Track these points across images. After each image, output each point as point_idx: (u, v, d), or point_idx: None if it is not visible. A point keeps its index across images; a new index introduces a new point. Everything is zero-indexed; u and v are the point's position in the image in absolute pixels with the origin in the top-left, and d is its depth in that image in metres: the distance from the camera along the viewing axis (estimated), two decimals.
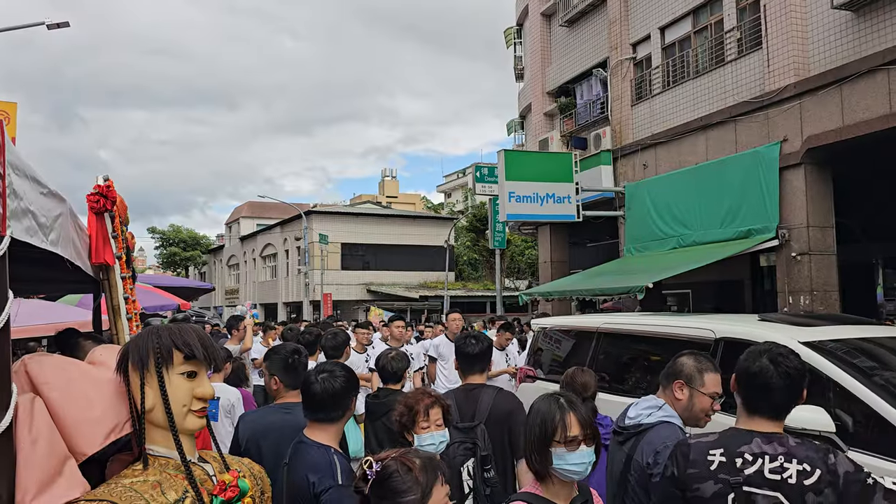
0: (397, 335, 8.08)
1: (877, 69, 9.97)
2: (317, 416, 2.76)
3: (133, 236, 3.75)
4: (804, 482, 2.16)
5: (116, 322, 3.24)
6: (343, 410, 2.78)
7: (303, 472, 2.59)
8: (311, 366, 5.41)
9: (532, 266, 37.30)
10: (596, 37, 17.16)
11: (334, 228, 37.31)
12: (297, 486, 2.61)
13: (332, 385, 2.74)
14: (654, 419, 2.78)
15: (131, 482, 1.61)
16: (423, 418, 2.89)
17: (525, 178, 14.49)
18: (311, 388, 2.75)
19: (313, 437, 2.73)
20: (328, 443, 2.72)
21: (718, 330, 4.66)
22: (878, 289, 14.45)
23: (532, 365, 7.27)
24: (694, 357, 2.90)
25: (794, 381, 2.30)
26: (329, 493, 2.51)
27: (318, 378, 2.76)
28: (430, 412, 2.89)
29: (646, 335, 5.41)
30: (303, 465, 2.62)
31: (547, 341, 7.05)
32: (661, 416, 2.79)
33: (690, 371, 2.83)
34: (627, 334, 5.80)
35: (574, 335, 6.69)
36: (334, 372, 2.80)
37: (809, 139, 11.02)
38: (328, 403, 2.74)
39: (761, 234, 11.67)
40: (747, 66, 12.51)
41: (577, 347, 6.52)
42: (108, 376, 1.77)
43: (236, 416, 4.69)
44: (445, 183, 72.69)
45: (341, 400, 2.76)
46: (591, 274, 15.28)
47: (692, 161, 13.57)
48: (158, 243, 56.69)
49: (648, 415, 2.82)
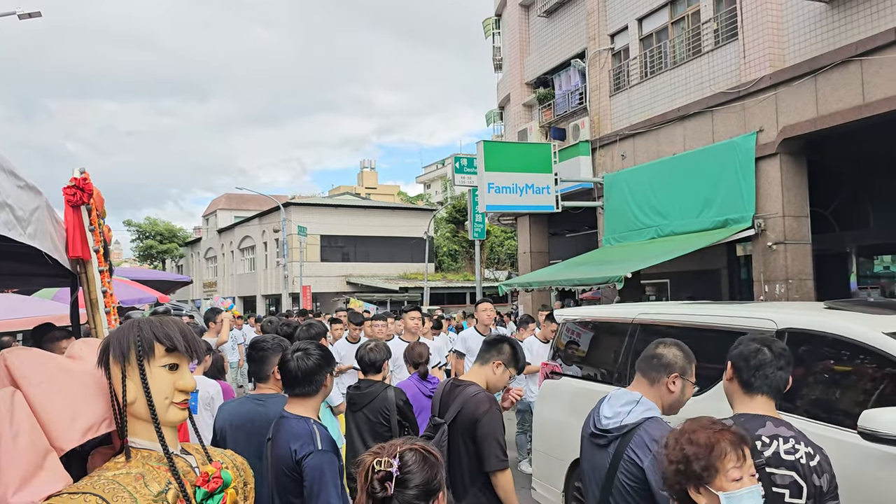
0: (412, 327, 7.25)
1: (850, 60, 10.10)
2: (294, 392, 2.94)
3: (110, 229, 3.71)
4: (810, 464, 2.32)
5: (94, 316, 3.21)
6: (318, 385, 2.95)
7: (285, 443, 2.75)
8: None
9: (512, 256, 37.46)
10: (574, 27, 17.19)
11: (313, 220, 37.13)
12: (280, 456, 2.76)
13: (306, 363, 2.91)
14: (639, 416, 2.67)
15: (114, 475, 1.60)
16: (734, 463, 1.96)
17: (504, 168, 14.51)
18: (287, 366, 2.94)
19: (293, 411, 2.91)
20: (306, 414, 2.89)
21: (781, 320, 4.11)
22: (851, 277, 14.68)
23: (558, 360, 6.51)
24: (677, 346, 2.86)
25: (788, 361, 2.53)
26: (310, 458, 2.67)
27: (293, 356, 2.95)
28: (741, 451, 1.97)
29: (695, 328, 4.75)
30: (285, 436, 2.79)
31: (573, 335, 6.38)
32: (643, 412, 2.68)
33: (683, 363, 2.80)
34: (671, 326, 5.06)
35: (605, 328, 6.04)
36: (308, 350, 2.97)
37: (785, 129, 11.15)
38: (302, 379, 2.91)
39: (738, 224, 11.81)
40: (724, 58, 12.62)
41: (608, 341, 5.87)
42: (87, 370, 1.76)
43: (216, 408, 4.67)
44: (424, 174, 72.60)
45: (314, 376, 2.93)
46: (570, 264, 15.37)
47: (670, 151, 13.68)
48: (134, 236, 56.07)
49: (629, 412, 2.70)
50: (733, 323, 4.43)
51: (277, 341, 3.59)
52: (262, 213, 41.59)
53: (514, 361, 3.49)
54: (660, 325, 5.14)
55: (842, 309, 4.36)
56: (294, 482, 2.71)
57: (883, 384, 3.56)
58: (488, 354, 3.49)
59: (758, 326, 4.18)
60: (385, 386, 4.21)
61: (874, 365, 3.60)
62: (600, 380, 5.53)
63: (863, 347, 3.63)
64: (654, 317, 5.27)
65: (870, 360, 3.64)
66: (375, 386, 4.17)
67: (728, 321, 4.52)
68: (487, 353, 3.50)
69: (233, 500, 1.78)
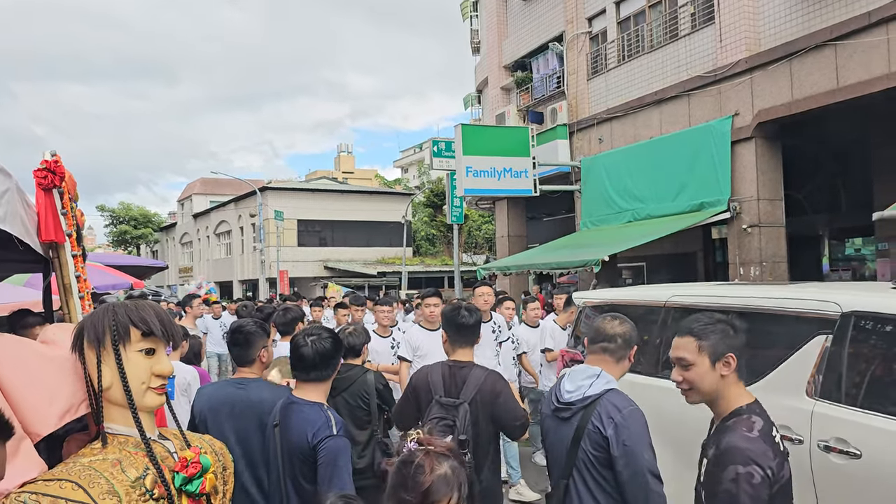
0: (429, 315, 6.19)
1: (824, 45, 10.19)
2: (309, 377, 2.93)
3: (83, 213, 3.65)
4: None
5: (68, 301, 3.16)
6: (333, 369, 2.99)
7: (300, 429, 2.77)
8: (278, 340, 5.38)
9: (490, 241, 37.52)
10: (552, 10, 17.15)
11: (290, 205, 36.86)
12: (294, 442, 2.78)
13: (323, 345, 2.92)
14: (600, 388, 2.76)
15: (90, 461, 1.58)
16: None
17: (482, 152, 14.48)
18: (300, 351, 2.92)
19: (304, 397, 2.91)
20: (318, 400, 2.91)
21: (846, 303, 3.67)
22: (823, 260, 14.92)
23: (579, 348, 5.93)
24: (627, 321, 3.00)
25: None
26: (326, 442, 2.70)
27: (307, 340, 2.93)
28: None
29: (742, 312, 4.24)
30: (299, 422, 2.80)
31: (594, 320, 5.47)
32: (604, 384, 2.78)
33: (637, 335, 2.99)
34: (711, 310, 4.23)
35: (630, 312, 5.00)
36: (321, 334, 2.98)
37: (760, 113, 11.25)
38: (319, 363, 2.91)
39: (713, 207, 11.92)
40: (700, 41, 12.67)
41: (637, 327, 5.35)
42: (62, 355, 1.73)
43: (192, 394, 4.64)
44: (402, 158, 72.33)
45: (330, 359, 2.95)
46: (548, 248, 15.43)
47: (647, 135, 13.74)
48: (108, 221, 55.28)
49: (590, 385, 2.78)
50: (789, 306, 3.99)
51: (260, 325, 3.56)
52: (238, 197, 41.20)
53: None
54: (698, 308, 4.54)
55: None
56: (309, 467, 2.74)
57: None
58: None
59: (819, 309, 3.77)
60: (364, 370, 4.20)
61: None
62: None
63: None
64: (690, 299, 4.80)
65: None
66: (355, 370, 4.16)
67: (783, 304, 4.05)
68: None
69: (212, 484, 1.76)
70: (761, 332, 4.16)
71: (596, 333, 2.97)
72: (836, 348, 3.54)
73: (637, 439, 2.62)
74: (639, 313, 5.30)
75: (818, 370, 3.60)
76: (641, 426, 2.67)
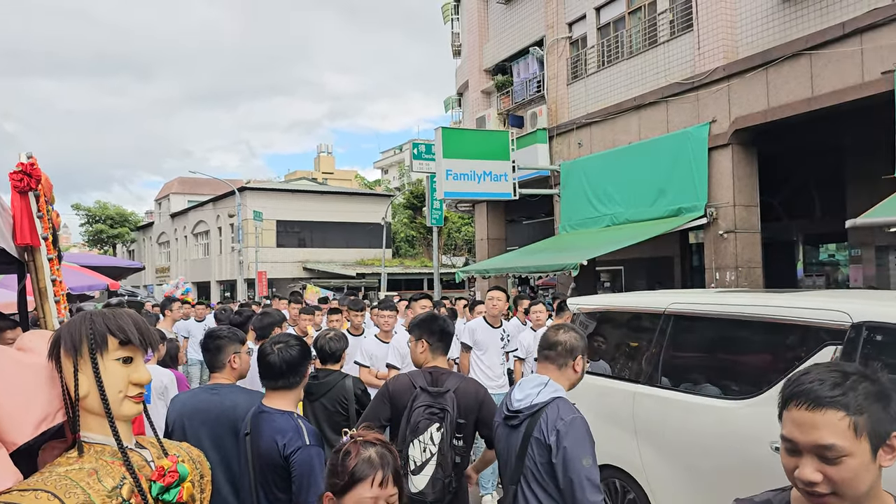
0: None
1: (800, 53, 10.35)
2: (277, 385, 2.92)
3: (59, 215, 3.62)
4: None
5: (43, 305, 3.13)
6: (301, 377, 2.97)
7: (270, 438, 2.74)
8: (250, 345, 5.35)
9: (469, 243, 37.56)
10: (533, 15, 17.24)
11: (269, 205, 36.65)
12: (265, 452, 2.75)
13: (289, 353, 2.91)
14: (547, 396, 2.79)
15: (66, 470, 1.57)
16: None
17: (462, 155, 14.53)
18: (268, 359, 2.91)
19: (273, 405, 2.89)
20: (288, 408, 2.89)
21: (857, 312, 3.52)
22: (798, 265, 15.13)
23: None
24: (574, 330, 3.03)
25: None
26: (299, 453, 2.68)
27: (273, 349, 2.93)
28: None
29: (746, 321, 4.14)
30: (269, 431, 2.77)
31: (590, 327, 5.59)
32: (551, 392, 2.81)
33: (584, 344, 3.00)
34: (714, 318, 4.43)
35: (628, 319, 5.40)
36: (289, 342, 2.99)
37: (737, 120, 11.39)
38: (286, 371, 2.90)
39: (690, 213, 12.05)
40: (679, 48, 12.80)
41: (635, 335, 5.19)
42: (38, 362, 1.72)
43: (169, 398, 4.61)
44: (382, 159, 72.19)
45: (297, 367, 2.94)
46: (527, 251, 15.50)
47: (625, 140, 13.85)
48: (84, 220, 54.55)
49: (538, 393, 2.82)
50: (797, 315, 3.83)
51: (234, 331, 3.55)
52: (217, 197, 40.87)
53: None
54: (700, 316, 4.54)
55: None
56: (281, 477, 2.72)
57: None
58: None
59: (828, 319, 3.63)
60: (343, 375, 4.20)
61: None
62: (628, 377, 4.92)
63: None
64: (691, 307, 4.65)
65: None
66: (333, 375, 4.16)
67: (790, 312, 3.89)
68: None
69: (189, 493, 1.76)
70: (767, 342, 4.09)
71: (541, 341, 3.04)
72: (847, 359, 3.45)
73: (576, 447, 2.63)
74: (636, 320, 5.23)
75: None
76: (582, 434, 2.69)
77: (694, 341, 4.76)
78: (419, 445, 3.24)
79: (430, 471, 3.22)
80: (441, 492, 3.20)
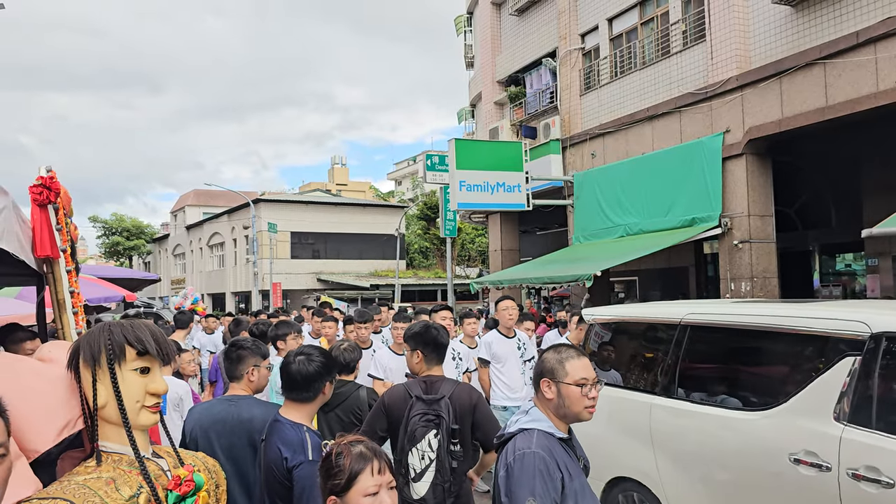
0: None
1: (814, 63, 10.31)
2: (291, 396, 2.94)
3: (76, 227, 3.67)
4: None
5: (62, 316, 3.17)
6: (315, 392, 2.94)
7: (277, 448, 2.75)
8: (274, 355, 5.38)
9: (483, 254, 37.57)
10: (545, 26, 17.29)
11: (283, 217, 36.85)
12: (271, 460, 2.77)
13: (307, 367, 2.91)
14: (515, 428, 2.58)
15: (84, 479, 1.59)
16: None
17: (476, 166, 14.56)
18: (288, 368, 2.93)
19: (288, 416, 2.89)
20: (301, 421, 2.87)
21: (876, 323, 3.46)
22: (814, 275, 15.00)
23: None
24: (554, 349, 2.68)
25: None
26: (300, 469, 2.67)
27: (295, 359, 2.94)
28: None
29: (763, 331, 4.10)
30: (277, 441, 2.79)
31: (605, 338, 5.54)
32: (524, 422, 2.57)
33: (552, 364, 2.60)
34: (730, 329, 4.38)
35: (643, 330, 5.34)
36: (312, 355, 2.97)
37: (751, 130, 11.35)
38: (301, 384, 2.90)
39: (705, 223, 12.00)
40: (692, 59, 12.79)
41: (650, 346, 5.14)
42: (58, 373, 1.75)
43: (185, 409, 4.64)
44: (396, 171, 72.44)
45: (313, 382, 2.92)
46: (540, 262, 15.48)
47: (639, 151, 13.83)
48: (100, 232, 55.05)
49: (515, 422, 2.61)
50: (815, 325, 3.79)
51: (258, 344, 3.56)
52: (232, 209, 41.14)
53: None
54: (716, 326, 4.49)
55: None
56: (284, 488, 2.73)
57: None
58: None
59: (847, 329, 3.58)
60: (357, 386, 4.21)
61: None
62: (644, 388, 4.86)
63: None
64: (707, 317, 4.60)
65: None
66: (348, 386, 4.17)
67: (808, 323, 3.84)
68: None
69: (205, 502, 1.78)
70: (784, 353, 4.04)
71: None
72: (866, 371, 3.41)
73: (518, 485, 2.41)
74: (652, 331, 5.16)
75: (846, 393, 3.47)
76: (529, 472, 2.42)
77: (710, 352, 4.69)
78: (417, 453, 3.28)
79: (430, 477, 3.26)
80: (442, 497, 3.23)
